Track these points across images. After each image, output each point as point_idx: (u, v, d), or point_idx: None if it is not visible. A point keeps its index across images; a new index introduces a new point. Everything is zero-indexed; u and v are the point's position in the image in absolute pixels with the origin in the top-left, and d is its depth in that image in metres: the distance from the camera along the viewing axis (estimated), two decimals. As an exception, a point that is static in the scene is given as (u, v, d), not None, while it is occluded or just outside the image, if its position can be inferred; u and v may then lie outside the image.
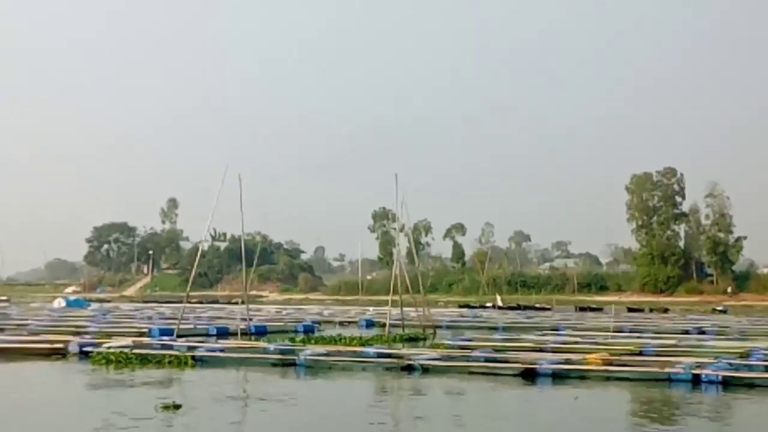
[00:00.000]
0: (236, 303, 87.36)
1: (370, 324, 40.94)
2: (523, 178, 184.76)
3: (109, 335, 27.61)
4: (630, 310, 67.61)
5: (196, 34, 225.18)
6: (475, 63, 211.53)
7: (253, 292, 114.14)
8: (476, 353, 20.55)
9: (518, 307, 73.49)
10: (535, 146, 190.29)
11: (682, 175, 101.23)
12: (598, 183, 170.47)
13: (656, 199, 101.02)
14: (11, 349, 22.80)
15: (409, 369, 18.91)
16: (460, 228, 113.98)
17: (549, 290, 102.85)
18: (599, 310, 69.59)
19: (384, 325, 40.36)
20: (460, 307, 76.65)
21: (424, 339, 30.61)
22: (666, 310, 68.58)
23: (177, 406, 12.49)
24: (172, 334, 29.58)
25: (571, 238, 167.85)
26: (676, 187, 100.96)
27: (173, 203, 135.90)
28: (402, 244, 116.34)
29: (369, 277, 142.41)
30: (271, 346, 22.68)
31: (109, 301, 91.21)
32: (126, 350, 20.94)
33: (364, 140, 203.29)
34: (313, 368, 19.51)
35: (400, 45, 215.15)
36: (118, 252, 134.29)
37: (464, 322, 43.05)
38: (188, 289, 29.90)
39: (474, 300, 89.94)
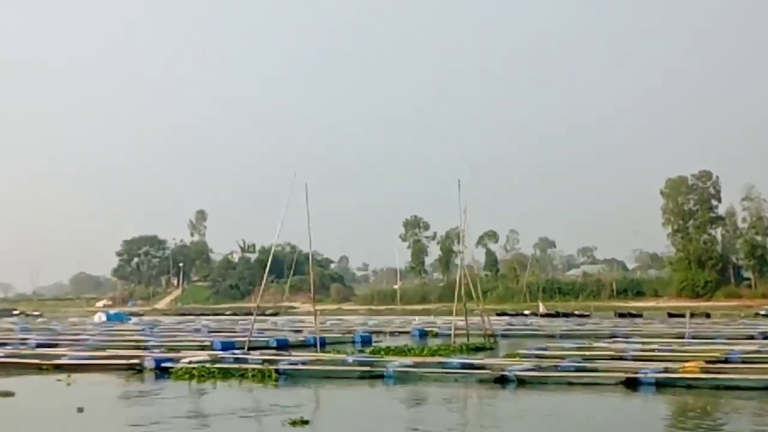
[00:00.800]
0: (271, 314, 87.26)
1: (423, 334, 40.42)
2: (547, 184, 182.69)
3: (174, 349, 27.20)
4: (670, 315, 66.63)
5: (222, 39, 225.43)
6: (496, 61, 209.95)
7: (285, 303, 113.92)
8: (566, 363, 19.90)
9: (557, 314, 72.50)
10: (561, 152, 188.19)
11: (717, 178, 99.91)
12: (624, 188, 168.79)
13: (692, 203, 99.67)
14: (87, 366, 22.38)
15: (503, 381, 18.25)
16: (493, 235, 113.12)
17: (585, 297, 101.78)
18: (639, 316, 68.70)
19: (437, 335, 40.10)
20: (498, 315, 75.89)
21: (490, 348, 29.98)
22: (708, 315, 67.49)
23: (305, 422, 11.92)
24: (234, 347, 29.24)
25: (596, 244, 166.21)
26: (711, 190, 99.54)
27: (201, 215, 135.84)
28: (434, 252, 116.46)
29: (396, 286, 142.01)
30: (350, 358, 22.17)
31: (142, 315, 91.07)
32: (207, 365, 20.50)
33: (383, 146, 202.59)
34: (403, 380, 18.93)
35: (409, 46, 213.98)
36: (148, 265, 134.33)
37: (518, 331, 42.30)
38: (258, 300, 29.12)
39: (509, 308, 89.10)
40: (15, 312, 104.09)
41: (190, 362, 20.84)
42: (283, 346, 30.77)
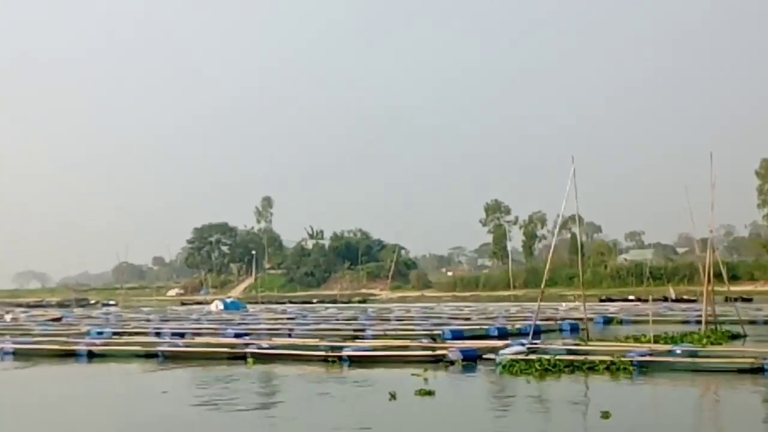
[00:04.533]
0: (359, 302, 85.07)
1: (607, 321, 38.36)
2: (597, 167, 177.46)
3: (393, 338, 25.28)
4: (782, 300, 64.29)
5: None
6: (564, 43, 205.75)
7: (364, 290, 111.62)
8: None
9: (665, 299, 69.95)
10: (608, 134, 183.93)
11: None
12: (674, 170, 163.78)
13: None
14: (375, 357, 20.33)
15: None
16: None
17: (676, 281, 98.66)
18: (749, 300, 66.56)
19: (621, 322, 37.78)
20: (602, 300, 73.42)
21: (745, 336, 27.46)
22: (825, 299, 65.05)
23: None
24: (463, 336, 27.33)
25: (643, 228, 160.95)
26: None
27: (268, 202, 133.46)
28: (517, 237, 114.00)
29: (450, 274, 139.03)
30: (678, 349, 19.83)
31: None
32: (545, 356, 18.15)
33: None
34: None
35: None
36: (219, 252, 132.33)
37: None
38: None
39: (598, 293, 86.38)
40: (92, 302, 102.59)
41: (529, 354, 18.46)
42: (503, 334, 28.56)
